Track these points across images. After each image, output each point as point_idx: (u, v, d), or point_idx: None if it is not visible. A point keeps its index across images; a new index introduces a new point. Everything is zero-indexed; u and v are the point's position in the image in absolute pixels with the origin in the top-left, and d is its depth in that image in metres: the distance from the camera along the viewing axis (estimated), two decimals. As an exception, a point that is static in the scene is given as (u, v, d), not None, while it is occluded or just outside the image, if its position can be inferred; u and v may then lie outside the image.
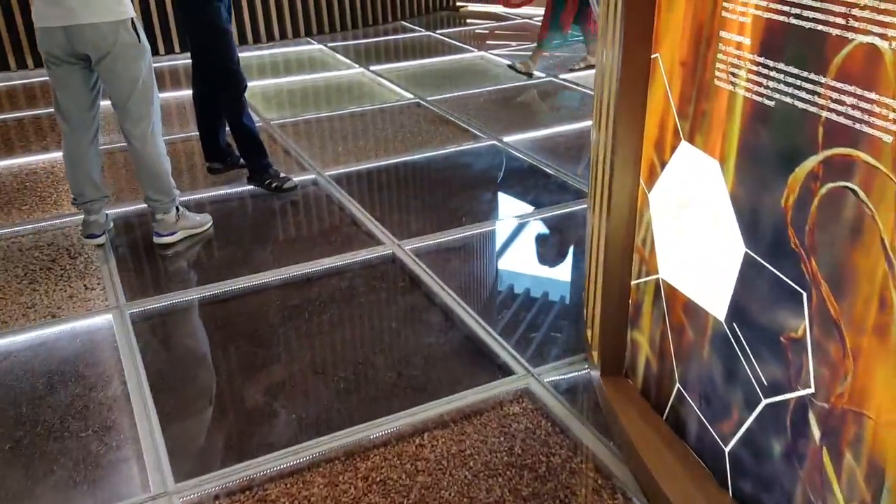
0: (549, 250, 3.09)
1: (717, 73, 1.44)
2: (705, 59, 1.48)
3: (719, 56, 1.43)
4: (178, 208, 3.06)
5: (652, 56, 1.66)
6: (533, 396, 2.14)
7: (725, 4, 1.40)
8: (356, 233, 3.17)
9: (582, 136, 4.31)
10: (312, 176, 3.79)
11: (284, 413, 2.15)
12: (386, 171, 3.87)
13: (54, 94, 2.84)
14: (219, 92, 3.46)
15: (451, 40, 6.78)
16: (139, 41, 2.77)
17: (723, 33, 1.42)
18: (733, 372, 1.51)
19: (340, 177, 3.77)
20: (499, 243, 3.14)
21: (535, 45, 5.53)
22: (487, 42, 6.79)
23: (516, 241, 3.15)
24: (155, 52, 6.35)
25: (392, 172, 3.86)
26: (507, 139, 4.22)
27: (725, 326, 1.51)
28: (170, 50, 6.43)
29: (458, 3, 8.58)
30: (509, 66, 5.51)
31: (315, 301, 2.68)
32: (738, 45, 1.38)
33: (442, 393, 2.17)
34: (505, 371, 2.26)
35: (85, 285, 2.83)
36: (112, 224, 3.22)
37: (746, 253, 1.42)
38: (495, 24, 7.61)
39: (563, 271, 2.89)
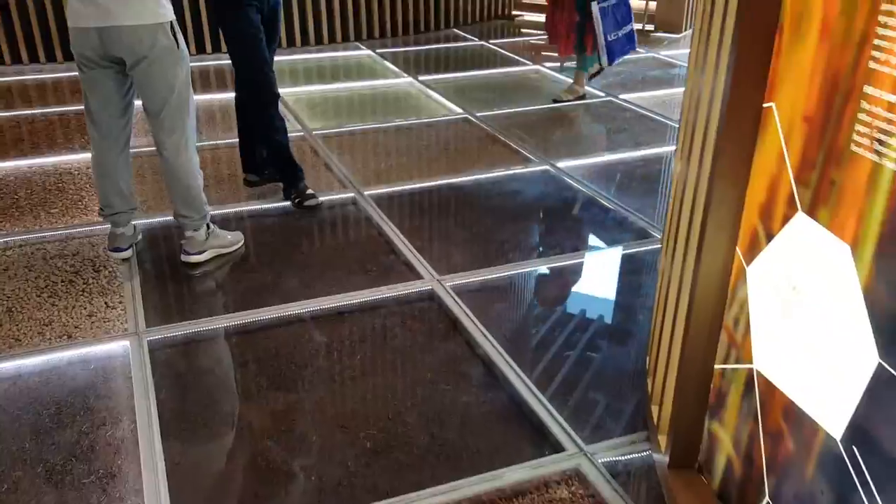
0: (606, 298, 2.79)
1: (855, 138, 1.15)
2: (840, 117, 1.18)
3: (861, 116, 1.14)
4: (208, 226, 2.84)
5: (765, 105, 1.36)
6: (584, 480, 1.85)
7: (875, 53, 1.10)
8: (394, 263, 2.92)
9: (643, 165, 4.00)
10: (352, 194, 3.55)
11: (303, 475, 1.90)
12: (429, 194, 3.61)
13: (85, 99, 2.64)
14: (248, 100, 3.25)
15: (504, 52, 6.51)
16: (177, 46, 2.56)
17: (868, 89, 1.12)
18: (846, 502, 1.21)
19: (381, 197, 3.52)
20: (549, 286, 2.85)
21: (570, 66, 5.13)
22: (543, 54, 6.50)
23: (569, 285, 2.86)
24: (202, 49, 6.21)
25: (435, 195, 3.60)
26: (560, 164, 3.93)
27: (841, 447, 1.22)
28: (217, 48, 6.27)
29: (514, 13, 8.31)
30: (554, 101, 5.02)
31: (346, 340, 2.43)
32: (891, 106, 1.08)
33: (480, 465, 1.90)
34: (552, 445, 1.97)
35: (106, 303, 2.63)
36: (141, 236, 3.02)
37: (880, 365, 1.13)
38: (550, 37, 7.30)
39: (622, 326, 2.59)
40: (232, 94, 3.47)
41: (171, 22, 2.53)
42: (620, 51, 4.78)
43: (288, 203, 3.40)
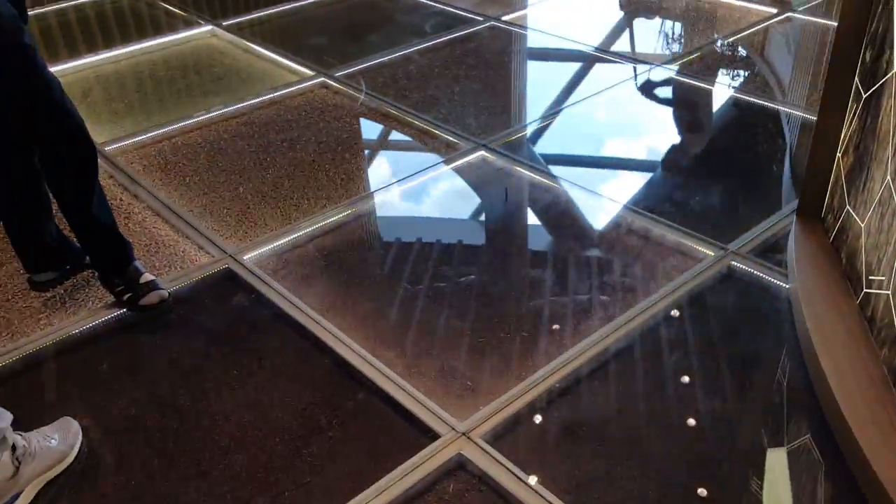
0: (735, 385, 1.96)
1: None
2: None
3: None
4: (14, 447, 1.57)
5: None
6: None
7: None
8: (366, 400, 1.86)
9: (591, 111, 3.16)
10: (220, 262, 2.35)
11: None
12: (342, 237, 2.50)
13: None
14: (60, 156, 1.94)
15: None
16: None
17: None
18: None
19: (269, 260, 2.38)
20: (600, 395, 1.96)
21: None
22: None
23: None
24: None
25: (357, 237, 2.51)
26: (496, 145, 2.97)
27: None
28: None
29: None
30: None
31: None
32: None
33: None
34: None
35: None
36: None
37: None
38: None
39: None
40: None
41: None
42: None
43: (122, 310, 2.16)
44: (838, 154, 2.06)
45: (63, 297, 2.24)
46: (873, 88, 1.82)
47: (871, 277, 1.78)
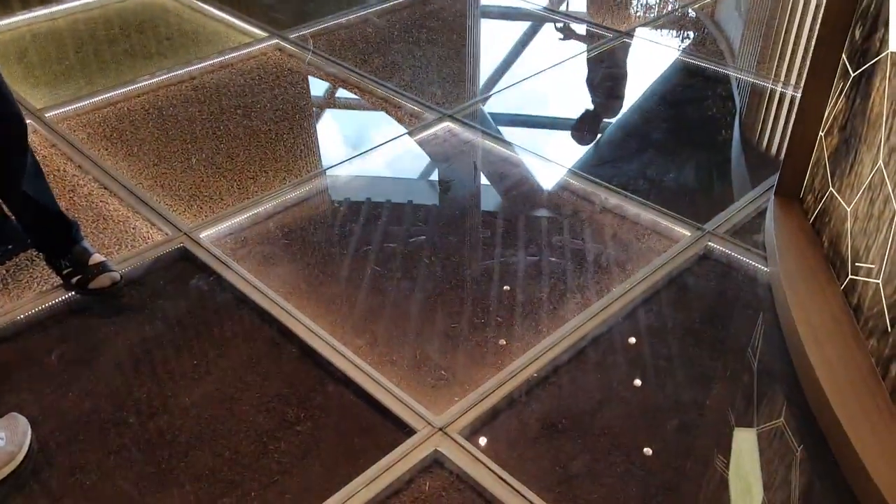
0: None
1: None
2: None
3: None
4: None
5: None
6: None
7: None
8: (334, 394, 1.79)
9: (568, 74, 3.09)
10: (175, 240, 2.23)
11: None
12: (305, 213, 2.40)
13: None
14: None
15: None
16: None
17: None
18: None
19: (227, 238, 2.26)
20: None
21: None
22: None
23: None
24: None
25: (320, 213, 2.40)
26: (461, 114, 2.88)
27: None
28: None
29: None
30: None
31: None
32: None
33: None
34: None
35: None
36: None
37: None
38: None
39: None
40: None
41: None
42: None
43: (68, 291, 2.03)
44: (821, 133, 2.02)
45: (5, 279, 2.09)
46: (863, 67, 1.78)
47: (857, 264, 1.76)
